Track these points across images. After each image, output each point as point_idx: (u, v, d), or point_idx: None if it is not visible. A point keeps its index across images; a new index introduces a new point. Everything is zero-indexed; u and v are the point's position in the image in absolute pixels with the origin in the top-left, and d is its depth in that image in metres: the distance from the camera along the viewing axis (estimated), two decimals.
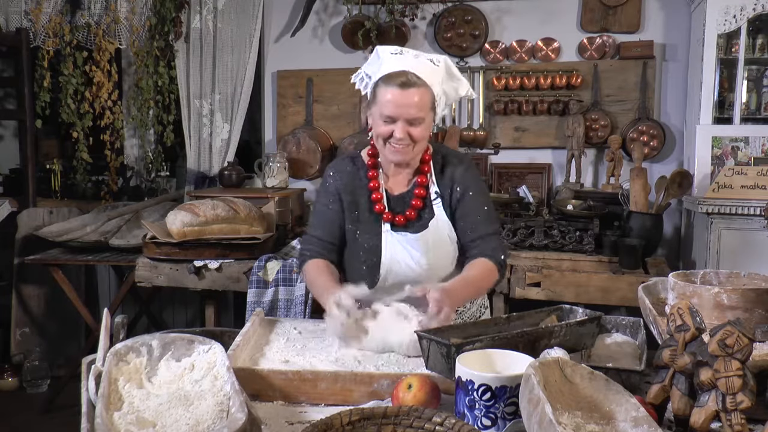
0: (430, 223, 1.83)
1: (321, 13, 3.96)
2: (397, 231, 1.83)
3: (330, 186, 1.91)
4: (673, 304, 1.19)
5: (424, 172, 1.87)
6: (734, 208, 3.03)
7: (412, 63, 1.75)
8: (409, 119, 1.73)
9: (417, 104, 1.72)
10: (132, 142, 4.25)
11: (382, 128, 1.76)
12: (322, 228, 1.90)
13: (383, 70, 1.76)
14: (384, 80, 1.74)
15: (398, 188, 1.89)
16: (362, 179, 1.89)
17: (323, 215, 1.91)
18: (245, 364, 1.42)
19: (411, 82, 1.71)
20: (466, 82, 1.89)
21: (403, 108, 1.72)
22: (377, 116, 1.77)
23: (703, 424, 1.08)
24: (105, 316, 1.38)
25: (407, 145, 1.76)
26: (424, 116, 1.74)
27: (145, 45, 3.90)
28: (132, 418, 1.09)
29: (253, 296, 2.86)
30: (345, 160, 1.95)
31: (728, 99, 3.37)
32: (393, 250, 1.83)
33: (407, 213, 1.84)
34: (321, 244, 1.89)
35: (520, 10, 3.75)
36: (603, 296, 2.87)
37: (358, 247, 1.87)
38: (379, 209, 1.85)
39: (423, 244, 1.82)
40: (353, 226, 1.87)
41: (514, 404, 1.12)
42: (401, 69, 1.73)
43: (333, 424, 1.04)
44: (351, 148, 3.75)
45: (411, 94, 1.71)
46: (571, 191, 3.48)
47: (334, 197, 1.89)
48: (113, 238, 3.44)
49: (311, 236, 1.92)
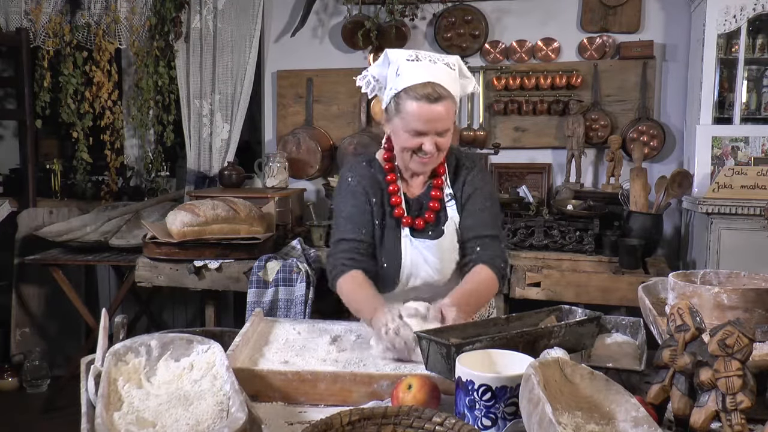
0: (445, 227, 1.82)
1: (321, 13, 3.96)
2: (416, 237, 1.82)
3: (356, 187, 1.85)
4: (673, 304, 1.19)
5: (439, 174, 1.86)
6: (734, 208, 3.03)
7: (434, 72, 1.69)
8: (439, 132, 1.71)
9: (445, 117, 1.70)
10: (132, 142, 4.25)
11: (412, 141, 1.72)
12: (356, 230, 1.81)
13: (405, 80, 1.70)
14: (409, 93, 1.69)
15: (415, 191, 1.88)
16: (381, 182, 1.86)
17: (354, 216, 1.83)
18: (244, 364, 1.42)
19: (439, 95, 1.67)
20: (473, 79, 1.88)
21: (434, 122, 1.69)
22: (402, 129, 1.73)
23: (703, 424, 1.08)
24: (103, 317, 1.38)
25: (433, 156, 1.75)
26: (450, 127, 1.74)
27: (145, 45, 3.90)
28: (132, 418, 1.09)
29: (253, 296, 2.86)
30: (361, 162, 1.91)
31: (728, 99, 3.36)
32: (413, 255, 1.82)
33: (426, 216, 1.83)
34: (357, 247, 1.80)
35: (520, 10, 3.75)
36: (603, 296, 2.87)
37: (380, 251, 1.84)
38: (399, 213, 1.82)
39: (438, 250, 1.81)
40: (379, 228, 1.84)
41: (514, 404, 1.12)
42: (425, 80, 1.67)
43: (333, 424, 1.04)
44: (351, 148, 3.75)
45: (440, 108, 1.68)
46: (571, 191, 3.48)
47: (363, 197, 1.84)
48: (113, 238, 3.44)
49: (343, 241, 1.82)
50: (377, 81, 1.83)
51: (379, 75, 1.81)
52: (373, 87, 1.85)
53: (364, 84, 1.86)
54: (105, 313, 1.41)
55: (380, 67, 1.81)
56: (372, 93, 1.86)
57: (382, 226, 1.85)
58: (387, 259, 1.83)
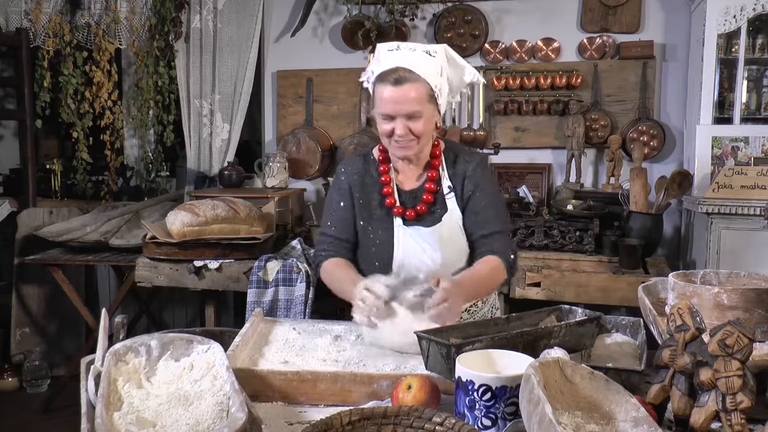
0: (443, 217, 1.84)
1: (321, 13, 3.96)
2: (409, 225, 1.84)
3: (342, 183, 1.92)
4: (673, 304, 1.19)
5: (435, 167, 1.88)
6: (734, 208, 3.03)
7: (407, 57, 1.75)
8: (407, 114, 1.74)
9: (413, 99, 1.73)
10: (132, 142, 4.25)
11: (384, 126, 1.78)
12: (336, 226, 1.91)
13: (379, 68, 1.78)
14: (379, 78, 1.76)
15: (409, 183, 1.90)
16: (373, 175, 1.90)
17: (336, 213, 1.92)
18: (244, 364, 1.42)
19: (403, 78, 1.72)
20: (471, 68, 1.91)
21: (399, 104, 1.73)
22: (378, 115, 1.80)
23: (703, 424, 1.08)
24: (103, 317, 1.38)
25: (411, 140, 1.77)
26: (421, 110, 1.75)
27: (145, 45, 3.90)
28: (132, 418, 1.09)
29: (253, 296, 2.85)
30: (357, 157, 1.97)
31: (728, 99, 3.36)
32: (406, 244, 1.83)
33: (418, 207, 1.85)
34: (337, 243, 1.90)
35: (520, 10, 3.75)
36: (603, 296, 2.87)
37: (371, 244, 1.87)
38: (390, 203, 1.85)
39: (437, 238, 1.82)
40: (365, 222, 1.88)
41: (514, 404, 1.12)
42: (394, 65, 1.73)
43: (333, 424, 1.04)
44: (351, 148, 3.76)
45: (405, 90, 1.72)
46: (571, 191, 3.48)
47: (346, 194, 1.90)
48: (113, 238, 3.44)
49: (326, 235, 1.93)
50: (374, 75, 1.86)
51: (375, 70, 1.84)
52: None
53: (365, 80, 1.91)
54: (105, 313, 1.41)
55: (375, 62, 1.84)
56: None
57: (371, 219, 1.87)
58: (378, 249, 1.86)
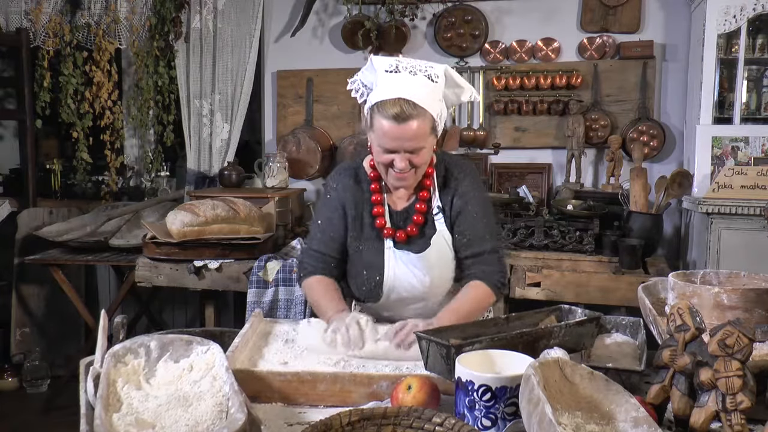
0: (432, 240, 1.78)
1: (321, 13, 3.96)
2: (400, 249, 1.79)
3: (333, 199, 1.85)
4: (673, 304, 1.19)
5: (426, 186, 1.81)
6: (734, 208, 3.03)
7: (409, 86, 1.64)
8: (409, 150, 1.67)
9: (415, 135, 1.65)
10: (132, 142, 4.24)
11: (382, 157, 1.71)
12: (323, 242, 1.84)
13: (378, 93, 1.67)
14: (379, 109, 1.66)
15: (400, 203, 1.84)
16: (365, 193, 1.83)
17: (325, 228, 1.85)
18: (244, 365, 1.42)
19: (407, 114, 1.62)
20: (470, 87, 1.80)
21: (401, 141, 1.65)
22: (375, 143, 1.71)
23: (703, 424, 1.08)
24: (102, 318, 1.38)
25: (409, 171, 1.71)
26: (424, 144, 1.69)
27: (145, 45, 3.90)
28: (131, 420, 1.09)
29: (253, 296, 2.86)
30: (347, 171, 1.88)
31: (728, 99, 3.36)
32: (396, 268, 1.78)
33: (408, 229, 1.79)
34: (322, 259, 1.84)
35: (520, 10, 3.75)
36: (603, 296, 2.87)
37: (361, 263, 1.82)
38: (380, 224, 1.79)
39: (425, 263, 1.77)
40: (356, 241, 1.82)
41: (514, 404, 1.12)
42: (395, 96, 1.63)
43: (332, 424, 1.04)
44: (351, 148, 3.75)
45: (408, 128, 1.63)
46: (571, 191, 3.48)
47: (338, 210, 1.83)
48: (113, 238, 3.44)
49: (311, 250, 1.86)
50: (365, 87, 1.80)
51: (367, 81, 1.78)
52: (362, 93, 1.81)
53: (354, 89, 1.83)
54: (104, 314, 1.41)
55: (367, 72, 1.77)
56: (361, 98, 1.81)
57: (361, 238, 1.82)
58: (368, 270, 1.81)
